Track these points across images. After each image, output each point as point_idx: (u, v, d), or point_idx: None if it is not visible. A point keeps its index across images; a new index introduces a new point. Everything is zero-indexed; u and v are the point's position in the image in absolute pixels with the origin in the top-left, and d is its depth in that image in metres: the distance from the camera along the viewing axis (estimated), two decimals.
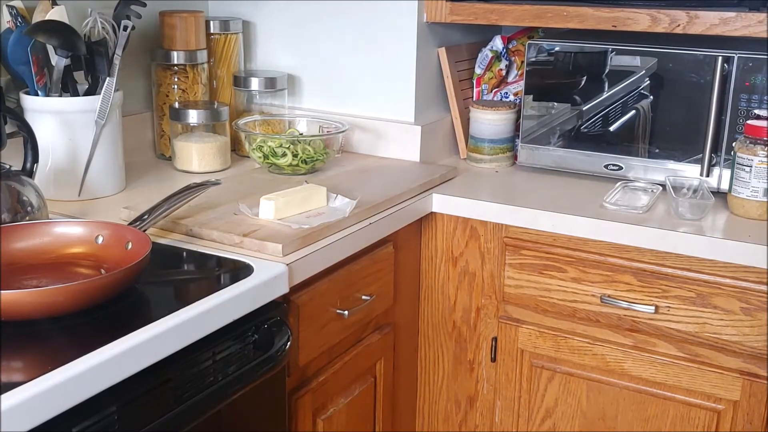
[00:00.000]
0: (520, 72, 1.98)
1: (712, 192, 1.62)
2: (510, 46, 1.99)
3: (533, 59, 1.81)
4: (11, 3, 1.53)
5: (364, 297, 1.52)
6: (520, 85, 1.92)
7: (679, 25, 1.63)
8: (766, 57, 1.59)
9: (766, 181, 1.54)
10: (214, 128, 1.81)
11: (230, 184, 1.59)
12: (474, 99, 2.01)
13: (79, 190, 1.56)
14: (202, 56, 1.87)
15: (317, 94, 2.00)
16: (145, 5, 1.61)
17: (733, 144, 1.61)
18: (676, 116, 1.69)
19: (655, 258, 1.54)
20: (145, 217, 1.33)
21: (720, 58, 1.62)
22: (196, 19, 1.85)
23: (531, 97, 1.84)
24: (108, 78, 1.56)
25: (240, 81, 1.95)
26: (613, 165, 1.76)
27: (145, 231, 1.28)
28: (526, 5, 1.76)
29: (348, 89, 1.96)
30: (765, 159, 1.54)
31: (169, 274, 1.29)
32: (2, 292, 0.99)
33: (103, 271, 1.19)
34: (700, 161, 1.67)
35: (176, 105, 1.80)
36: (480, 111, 1.90)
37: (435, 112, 1.96)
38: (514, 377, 1.72)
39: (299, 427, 1.39)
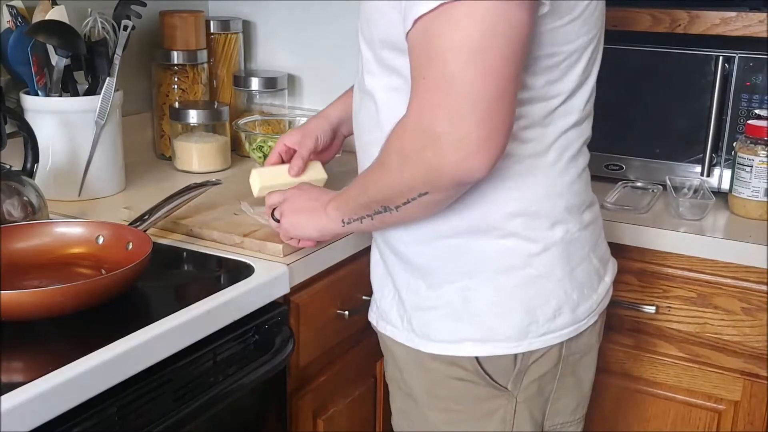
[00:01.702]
0: None
1: (712, 192, 1.62)
2: None
3: None
4: (11, 3, 1.53)
5: (364, 297, 1.51)
6: None
7: (679, 25, 1.63)
8: (766, 57, 1.59)
9: (766, 181, 1.54)
10: (214, 128, 1.81)
11: (230, 184, 1.59)
12: None
13: (79, 190, 1.56)
14: (202, 56, 1.87)
15: (317, 94, 2.00)
16: (145, 5, 1.61)
17: (734, 144, 1.61)
18: (676, 116, 1.69)
19: (656, 258, 1.54)
20: (146, 217, 1.33)
21: (721, 58, 1.61)
22: (196, 19, 1.85)
23: None
24: (108, 78, 1.55)
25: (240, 81, 1.95)
26: (614, 165, 1.76)
27: (145, 231, 1.27)
28: None
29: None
30: (766, 159, 1.54)
31: (169, 275, 1.28)
32: (2, 292, 0.99)
33: (103, 271, 1.18)
34: (701, 161, 1.67)
35: (176, 105, 1.80)
36: None
37: None
38: None
39: (300, 428, 1.39)
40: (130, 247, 1.20)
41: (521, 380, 1.14)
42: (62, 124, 1.53)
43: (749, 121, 1.58)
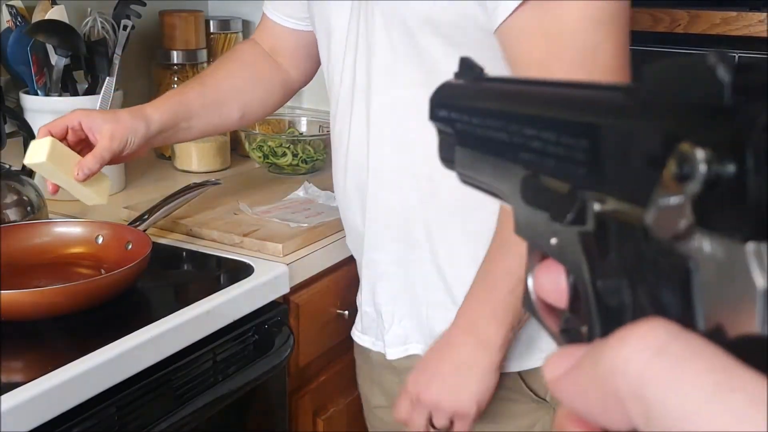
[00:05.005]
0: None
1: None
2: None
3: None
4: (11, 2, 1.53)
5: None
6: None
7: (679, 25, 1.63)
8: (767, 57, 1.59)
9: None
10: None
11: (230, 184, 1.59)
12: None
13: None
14: (202, 56, 1.87)
15: (317, 94, 2.00)
16: (145, 5, 1.60)
17: None
18: None
19: None
20: (145, 216, 1.33)
21: None
22: (196, 19, 1.85)
23: None
24: (108, 78, 1.55)
25: None
26: None
27: (145, 231, 1.27)
28: None
29: None
30: None
31: (169, 275, 1.28)
32: (2, 292, 0.99)
33: (103, 271, 1.18)
34: None
35: None
36: None
37: None
38: None
39: (300, 428, 1.39)
40: (130, 246, 1.20)
41: None
42: None
43: None
